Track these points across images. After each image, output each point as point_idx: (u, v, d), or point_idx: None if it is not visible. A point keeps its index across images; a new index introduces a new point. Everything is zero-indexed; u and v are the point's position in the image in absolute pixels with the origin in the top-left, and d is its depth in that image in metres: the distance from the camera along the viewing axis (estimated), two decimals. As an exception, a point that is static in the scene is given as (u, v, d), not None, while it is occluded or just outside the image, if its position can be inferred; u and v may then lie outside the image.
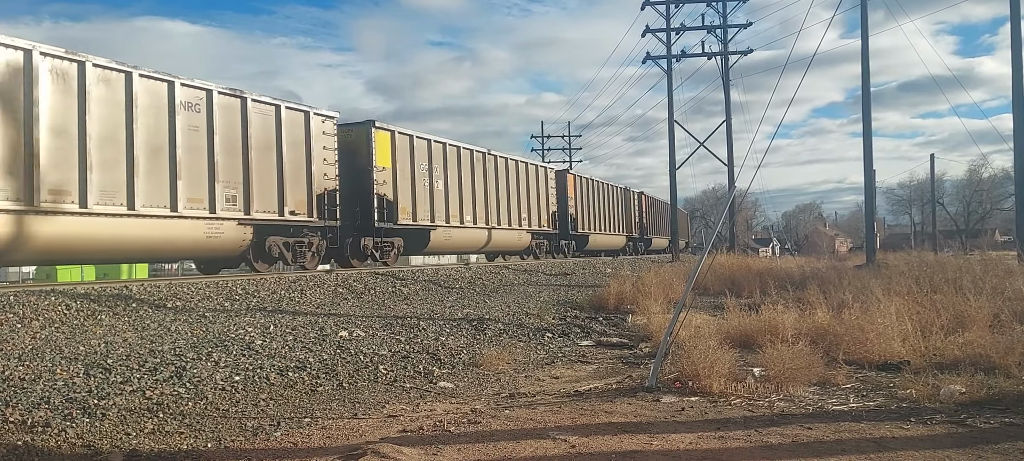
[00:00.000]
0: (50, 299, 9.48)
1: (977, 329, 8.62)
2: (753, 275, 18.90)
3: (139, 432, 5.58)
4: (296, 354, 8.34)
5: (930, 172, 49.60)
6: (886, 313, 9.03)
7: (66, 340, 7.98)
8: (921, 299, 10.36)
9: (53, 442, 5.22)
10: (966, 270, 14.46)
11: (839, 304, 10.55)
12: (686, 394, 6.88)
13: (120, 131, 12.65)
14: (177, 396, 6.51)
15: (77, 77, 12.04)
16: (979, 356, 7.57)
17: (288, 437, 5.60)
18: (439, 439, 5.46)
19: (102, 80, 12.44)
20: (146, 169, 12.98)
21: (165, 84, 13.43)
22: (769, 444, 5.24)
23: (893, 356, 8.11)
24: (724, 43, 38.18)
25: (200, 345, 8.19)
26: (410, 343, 9.61)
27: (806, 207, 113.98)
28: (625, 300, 14.78)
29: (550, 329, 11.69)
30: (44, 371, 6.67)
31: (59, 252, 12.47)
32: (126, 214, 12.64)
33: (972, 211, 70.32)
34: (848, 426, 5.71)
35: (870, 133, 24.46)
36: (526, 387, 7.65)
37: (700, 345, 7.55)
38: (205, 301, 10.95)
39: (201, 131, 14.07)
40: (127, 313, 9.65)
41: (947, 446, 5.13)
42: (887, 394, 6.80)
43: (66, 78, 11.90)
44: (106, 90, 12.48)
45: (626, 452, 5.02)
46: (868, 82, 24.32)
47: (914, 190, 76.88)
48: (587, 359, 9.53)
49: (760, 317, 10.04)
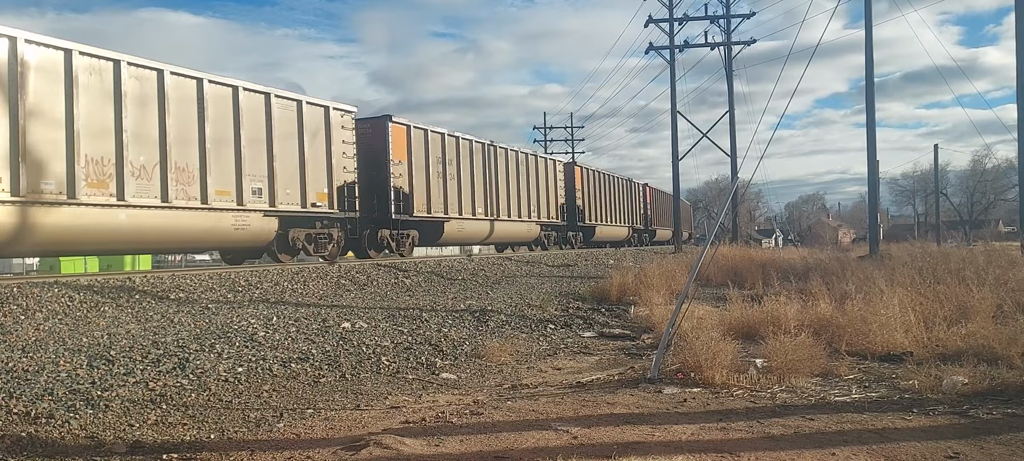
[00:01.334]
0: (53, 291, 9.50)
1: (980, 320, 8.60)
2: (756, 266, 18.88)
3: (142, 423, 5.60)
4: (299, 345, 8.36)
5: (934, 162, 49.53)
6: (889, 304, 9.02)
7: (69, 332, 8.00)
8: (924, 290, 10.34)
9: (57, 433, 5.23)
10: (969, 261, 14.44)
11: (842, 295, 10.54)
12: (688, 385, 6.88)
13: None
14: (180, 387, 6.53)
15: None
16: (982, 347, 7.57)
17: (291, 428, 5.61)
18: (442, 430, 5.47)
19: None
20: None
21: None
22: (771, 435, 5.24)
23: (896, 347, 8.10)
24: (727, 33, 38.02)
25: (203, 336, 8.21)
26: (413, 334, 9.62)
27: (809, 198, 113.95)
28: (627, 291, 14.78)
29: (552, 320, 11.70)
30: (48, 363, 6.69)
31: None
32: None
33: (976, 202, 70.16)
34: (850, 417, 5.70)
35: (874, 123, 24.35)
36: (528, 378, 7.66)
37: (702, 336, 7.55)
38: (208, 292, 10.96)
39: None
40: (130, 305, 9.66)
41: (950, 437, 5.13)
42: (890, 385, 6.80)
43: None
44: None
45: (628, 443, 5.02)
46: (872, 72, 24.19)
47: (918, 181, 76.78)
48: (589, 350, 9.53)
49: (763, 308, 10.03)
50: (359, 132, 18.17)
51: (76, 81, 11.72)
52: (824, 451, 4.86)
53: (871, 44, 23.93)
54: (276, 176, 15.31)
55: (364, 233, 18.49)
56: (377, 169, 18.80)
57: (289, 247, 16.01)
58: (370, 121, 19.21)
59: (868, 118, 24.36)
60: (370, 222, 18.72)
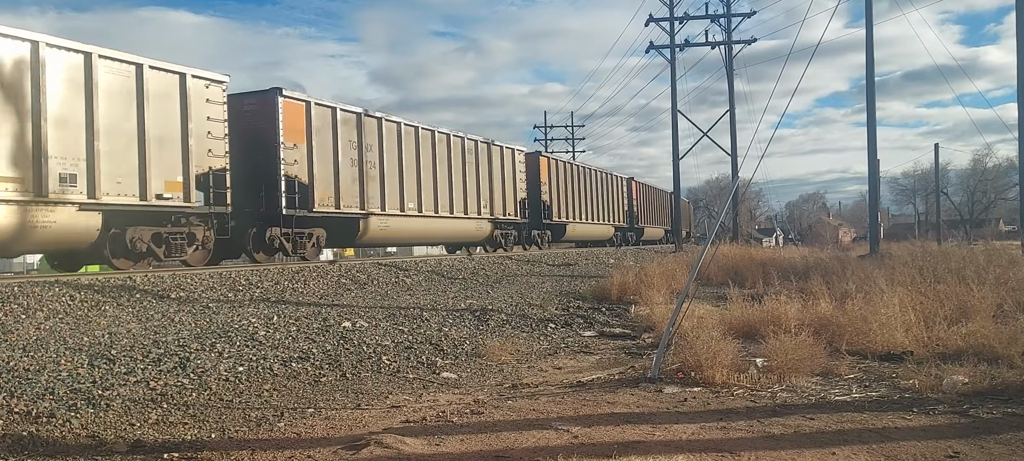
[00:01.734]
0: (54, 290, 9.50)
1: (980, 319, 8.60)
2: (756, 265, 18.89)
3: (143, 423, 5.60)
4: (299, 345, 8.36)
5: (934, 161, 49.38)
6: (889, 303, 9.03)
7: (70, 331, 8.01)
8: (924, 289, 10.35)
9: (58, 433, 5.24)
10: (970, 260, 14.44)
11: (842, 294, 10.55)
12: (689, 385, 6.88)
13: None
14: (181, 387, 6.53)
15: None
16: (982, 346, 7.57)
17: (291, 427, 5.62)
18: (442, 430, 5.48)
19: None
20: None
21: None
22: (771, 435, 5.25)
23: (896, 346, 8.10)
24: (727, 32, 38.02)
25: (204, 336, 8.21)
26: (413, 334, 9.63)
27: (810, 197, 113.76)
28: (628, 291, 14.79)
29: (553, 319, 11.70)
30: (49, 362, 6.70)
31: None
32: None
33: (976, 201, 70.10)
34: (851, 416, 5.71)
35: (874, 123, 24.36)
36: (529, 377, 7.66)
37: (703, 336, 7.55)
38: (209, 292, 10.97)
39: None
40: (131, 304, 9.67)
41: (950, 436, 5.13)
42: (890, 384, 6.80)
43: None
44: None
45: (628, 443, 5.02)
46: (872, 71, 24.20)
47: (918, 180, 76.70)
48: (590, 349, 9.54)
49: (763, 308, 10.04)
50: (241, 108, 15.38)
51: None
52: (824, 451, 4.87)
53: (872, 43, 23.94)
54: (98, 160, 12.10)
55: (249, 232, 15.70)
56: (265, 154, 15.53)
57: (128, 250, 13.01)
58: (256, 95, 15.88)
59: (869, 117, 24.37)
60: (256, 219, 15.76)
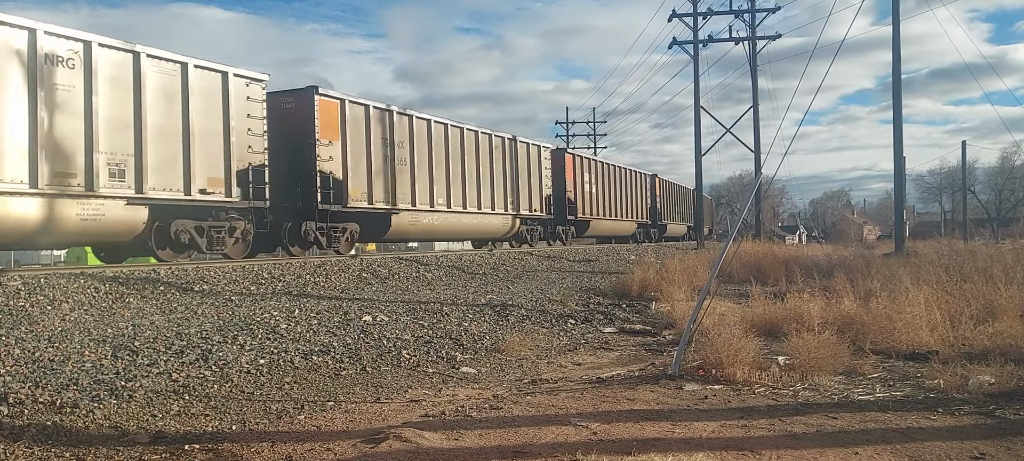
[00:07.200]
0: (79, 282, 9.62)
1: (1008, 319, 8.47)
2: (779, 262, 18.73)
3: (165, 414, 5.66)
4: (320, 338, 8.40)
5: (961, 159, 48.80)
6: (914, 302, 8.91)
7: (95, 322, 8.11)
8: (950, 288, 10.20)
9: (81, 423, 5.30)
10: (997, 259, 14.22)
11: (866, 293, 10.42)
12: (709, 382, 6.83)
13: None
14: (203, 379, 6.59)
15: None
16: (1009, 346, 7.45)
17: (311, 420, 5.65)
18: (461, 424, 5.48)
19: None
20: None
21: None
22: (793, 434, 5.19)
23: (921, 346, 7.99)
24: (752, 28, 37.67)
25: (226, 328, 8.28)
26: (433, 328, 9.64)
27: (834, 194, 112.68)
28: (649, 287, 14.72)
29: (573, 315, 11.67)
30: (73, 353, 6.78)
31: None
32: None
33: (1004, 199, 69.09)
34: (874, 416, 5.63)
35: (900, 120, 24.05)
36: (548, 373, 7.65)
37: (724, 333, 7.49)
38: (231, 285, 11.06)
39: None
40: (155, 296, 9.77)
41: (975, 437, 5.05)
42: (914, 384, 6.70)
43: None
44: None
45: (648, 440, 4.99)
46: (899, 69, 23.87)
47: (945, 177, 75.79)
48: (610, 346, 9.50)
49: (786, 305, 9.95)
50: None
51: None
52: (847, 450, 4.81)
53: (899, 40, 23.61)
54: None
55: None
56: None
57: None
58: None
59: (895, 114, 24.06)
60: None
